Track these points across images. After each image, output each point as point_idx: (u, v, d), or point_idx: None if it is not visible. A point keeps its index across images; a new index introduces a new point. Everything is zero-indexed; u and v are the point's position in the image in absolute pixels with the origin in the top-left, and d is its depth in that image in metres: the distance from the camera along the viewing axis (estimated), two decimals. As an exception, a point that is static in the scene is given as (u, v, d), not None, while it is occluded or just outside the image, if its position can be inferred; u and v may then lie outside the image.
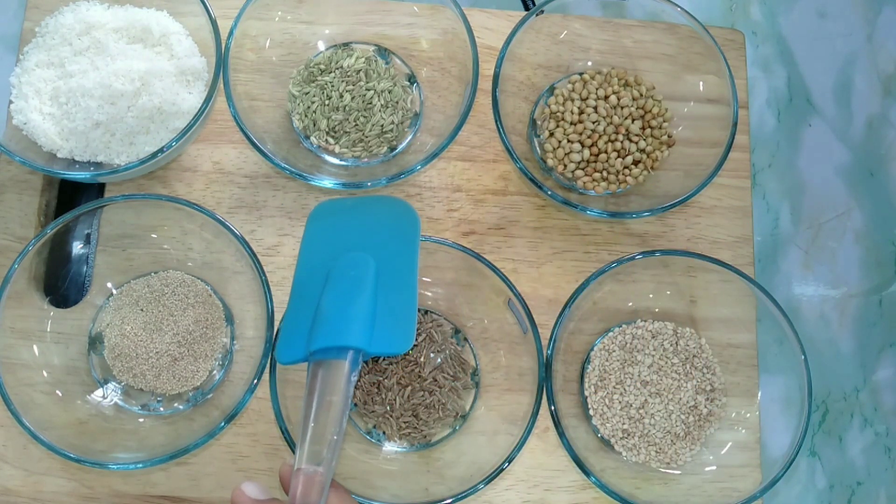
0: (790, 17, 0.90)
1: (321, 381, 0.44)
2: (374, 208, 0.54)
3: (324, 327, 0.45)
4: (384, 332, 0.46)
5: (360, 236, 0.50)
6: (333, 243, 0.50)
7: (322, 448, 0.41)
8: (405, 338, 0.47)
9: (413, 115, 0.71)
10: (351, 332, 0.45)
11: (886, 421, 0.83)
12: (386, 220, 0.52)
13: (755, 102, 0.86)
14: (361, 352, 0.45)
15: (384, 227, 0.51)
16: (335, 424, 0.42)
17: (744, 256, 0.71)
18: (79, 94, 0.63)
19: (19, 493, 0.63)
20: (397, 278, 0.48)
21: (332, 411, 0.42)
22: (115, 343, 0.64)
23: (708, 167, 0.65)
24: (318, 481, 0.40)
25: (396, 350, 0.47)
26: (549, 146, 0.69)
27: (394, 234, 0.51)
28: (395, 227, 0.51)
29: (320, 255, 0.49)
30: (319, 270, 0.48)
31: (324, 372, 0.44)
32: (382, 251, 0.49)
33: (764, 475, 0.65)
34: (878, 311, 0.85)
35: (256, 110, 0.67)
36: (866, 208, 0.87)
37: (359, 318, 0.45)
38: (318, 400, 0.43)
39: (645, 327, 0.67)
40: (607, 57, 0.72)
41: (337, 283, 0.47)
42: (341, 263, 0.48)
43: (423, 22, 0.71)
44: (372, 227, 0.51)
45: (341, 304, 0.46)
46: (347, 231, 0.51)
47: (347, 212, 0.53)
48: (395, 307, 0.47)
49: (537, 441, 0.66)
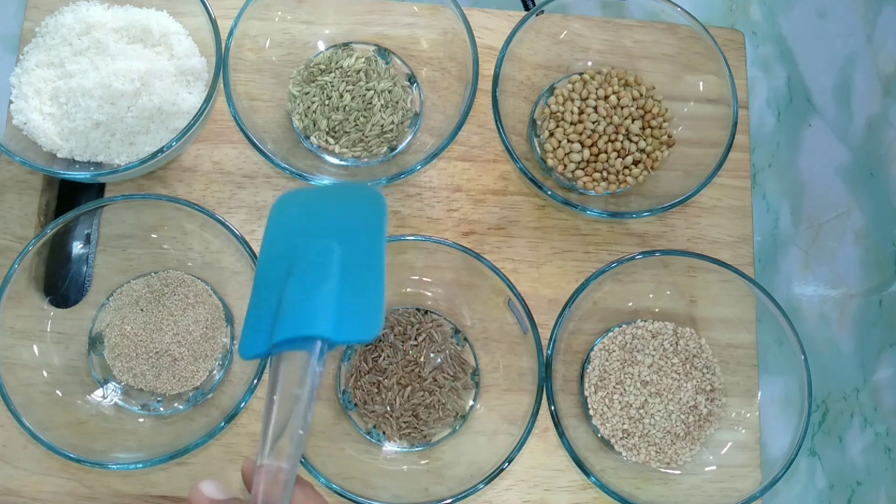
0: (790, 17, 0.90)
1: (285, 374, 0.42)
2: (338, 195, 0.52)
3: (287, 318, 0.43)
4: (351, 319, 0.44)
5: (324, 224, 0.48)
6: (296, 232, 0.48)
7: (286, 443, 0.39)
8: (373, 325, 0.44)
9: (413, 115, 0.71)
10: (316, 322, 0.43)
11: (886, 421, 0.83)
12: (351, 206, 0.50)
13: (755, 102, 0.86)
14: (327, 341, 0.43)
15: (349, 213, 0.49)
16: (300, 419, 0.40)
17: (744, 256, 0.71)
18: (79, 94, 0.63)
19: (19, 493, 0.63)
20: (364, 264, 0.46)
21: (298, 405, 0.40)
22: (115, 343, 0.64)
23: (708, 167, 0.65)
24: (281, 479, 0.38)
25: (364, 338, 0.44)
26: (549, 146, 0.69)
27: (359, 220, 0.49)
28: (361, 213, 0.49)
29: (283, 245, 0.47)
30: (282, 260, 0.46)
31: (288, 364, 0.42)
32: (347, 238, 0.47)
33: (764, 475, 0.65)
34: (878, 311, 0.85)
35: (256, 110, 0.67)
36: (866, 208, 0.87)
37: (324, 307, 0.43)
38: (281, 393, 0.41)
39: (645, 327, 0.67)
40: (607, 57, 0.72)
41: (300, 272, 0.45)
42: (304, 251, 0.46)
43: (423, 22, 0.71)
44: (336, 214, 0.49)
45: (305, 293, 0.44)
46: (311, 219, 0.49)
47: (311, 200, 0.51)
48: (361, 294, 0.45)
49: (537, 441, 0.66)
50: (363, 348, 0.66)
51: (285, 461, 0.39)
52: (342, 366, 0.67)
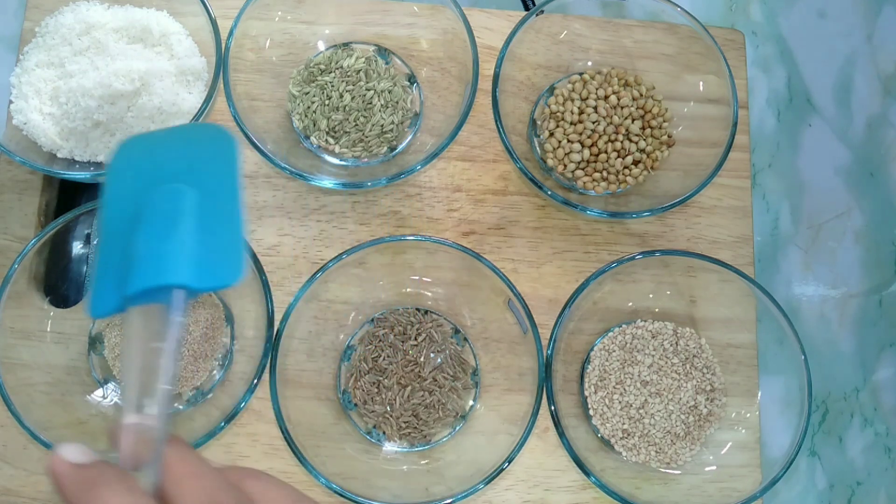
0: (790, 17, 0.90)
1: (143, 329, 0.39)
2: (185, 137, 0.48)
3: (140, 268, 0.40)
4: (210, 266, 0.41)
5: (172, 168, 0.45)
6: (143, 178, 0.44)
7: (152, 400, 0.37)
8: (235, 269, 0.42)
9: (413, 115, 0.71)
10: (172, 269, 0.40)
11: (886, 421, 0.83)
12: (199, 148, 0.47)
13: (755, 102, 0.86)
14: (186, 290, 0.40)
15: (198, 156, 0.46)
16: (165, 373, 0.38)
17: (744, 256, 0.71)
18: (79, 94, 0.63)
19: (19, 493, 0.63)
20: (219, 208, 0.43)
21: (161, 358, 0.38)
22: (115, 343, 0.64)
23: (708, 167, 0.65)
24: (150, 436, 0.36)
25: (226, 282, 0.41)
26: (549, 146, 0.69)
27: (210, 161, 0.46)
28: (211, 155, 0.46)
29: (129, 193, 0.44)
30: (128, 210, 0.42)
31: (144, 318, 0.39)
32: (199, 181, 0.43)
33: (764, 475, 0.65)
34: (878, 311, 0.85)
35: (256, 110, 0.67)
36: (866, 208, 0.87)
37: (179, 254, 0.40)
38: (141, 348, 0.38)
39: (645, 327, 0.67)
40: (607, 57, 0.72)
41: (151, 220, 0.41)
42: (154, 198, 0.42)
43: (423, 22, 0.71)
44: (184, 158, 0.46)
45: (158, 241, 0.41)
46: (158, 163, 0.45)
47: (156, 144, 0.47)
48: (220, 239, 0.42)
49: (537, 441, 0.66)
50: (363, 348, 0.66)
51: (152, 418, 0.37)
52: (342, 366, 0.67)
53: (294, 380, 0.63)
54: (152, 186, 0.43)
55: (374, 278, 0.66)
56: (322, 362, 0.66)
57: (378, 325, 0.67)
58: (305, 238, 0.68)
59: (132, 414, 0.37)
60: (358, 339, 0.67)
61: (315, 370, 0.65)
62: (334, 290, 0.65)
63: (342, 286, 0.66)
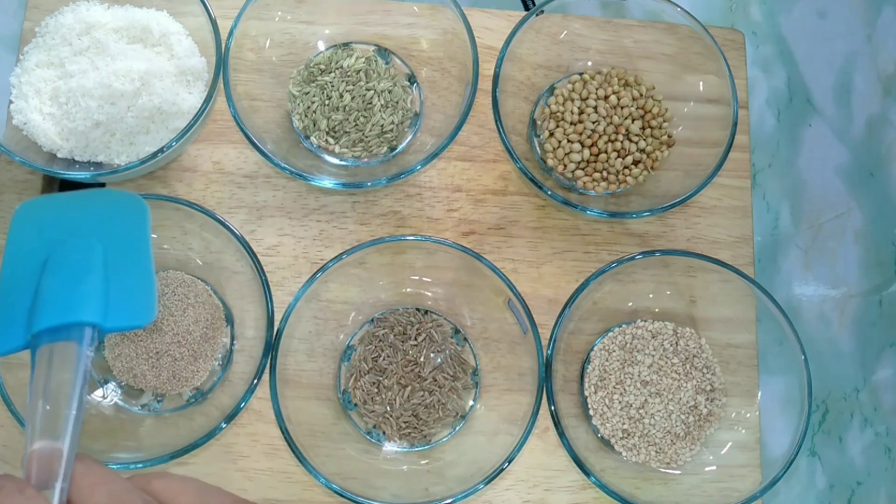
0: (790, 17, 0.90)
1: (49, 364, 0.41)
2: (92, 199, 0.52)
3: (48, 307, 0.43)
4: (120, 307, 0.44)
5: (79, 224, 0.48)
6: (49, 233, 0.47)
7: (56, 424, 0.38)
8: (146, 311, 0.45)
9: (413, 115, 0.71)
10: (81, 308, 0.43)
11: (886, 421, 0.83)
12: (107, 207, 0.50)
13: (755, 102, 0.86)
14: (96, 328, 0.43)
15: (106, 213, 0.49)
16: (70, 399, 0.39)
17: (744, 256, 0.71)
18: (79, 94, 0.63)
19: (19, 493, 0.63)
20: (130, 258, 0.47)
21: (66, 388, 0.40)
22: (115, 343, 0.64)
23: (708, 167, 0.65)
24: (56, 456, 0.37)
25: (136, 322, 0.45)
26: (549, 146, 0.69)
27: (119, 219, 0.49)
28: (120, 212, 0.49)
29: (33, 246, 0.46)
30: (33, 260, 0.45)
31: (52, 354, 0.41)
32: (108, 235, 0.47)
33: (764, 475, 0.65)
34: (878, 311, 0.85)
35: (256, 110, 0.67)
36: (866, 208, 0.87)
37: (88, 295, 0.43)
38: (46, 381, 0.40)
39: (645, 327, 0.67)
40: (607, 57, 0.72)
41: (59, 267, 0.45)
42: (62, 249, 0.46)
43: (423, 22, 0.71)
44: (92, 215, 0.49)
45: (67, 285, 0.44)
46: (64, 221, 0.48)
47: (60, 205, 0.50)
48: (130, 284, 0.45)
49: (537, 441, 0.66)
50: (363, 348, 0.66)
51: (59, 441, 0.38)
52: (342, 366, 0.67)
53: (294, 380, 0.63)
54: (61, 239, 0.46)
55: (374, 278, 0.66)
56: (322, 362, 0.66)
57: (378, 325, 0.67)
58: (305, 238, 0.68)
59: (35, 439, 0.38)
60: (358, 339, 0.67)
61: (315, 370, 0.65)
62: (334, 290, 0.65)
63: (342, 286, 0.66)
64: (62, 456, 0.37)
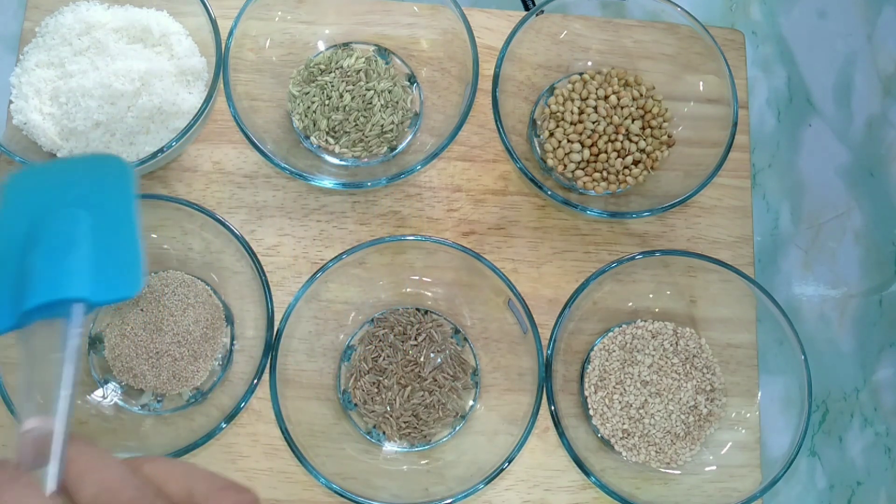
0: (790, 17, 0.90)
1: (40, 343, 0.41)
2: (77, 165, 0.51)
3: (38, 284, 0.42)
4: (107, 280, 0.43)
5: (65, 194, 0.47)
6: (36, 204, 0.47)
7: (48, 404, 0.38)
8: (132, 282, 0.44)
9: (413, 115, 0.71)
10: (70, 283, 0.42)
11: (886, 421, 0.83)
12: (93, 173, 0.49)
13: (755, 102, 0.86)
14: (85, 303, 0.42)
15: (92, 181, 0.48)
16: (66, 379, 0.39)
17: (744, 256, 0.71)
18: (79, 94, 0.63)
19: (19, 493, 0.63)
20: (116, 228, 0.46)
21: (58, 367, 0.39)
22: (115, 343, 0.64)
23: (708, 167, 0.65)
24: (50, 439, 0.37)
25: (124, 294, 0.44)
26: (549, 146, 0.69)
27: (105, 186, 0.48)
28: (106, 181, 0.48)
29: (19, 219, 0.46)
30: (20, 232, 0.45)
31: (43, 333, 0.41)
32: (95, 205, 0.46)
33: (764, 475, 0.65)
34: (878, 311, 0.85)
35: (256, 110, 0.67)
36: (866, 208, 0.87)
37: (77, 270, 0.43)
38: (40, 361, 0.40)
39: (645, 327, 0.67)
40: (607, 57, 0.72)
41: (47, 241, 0.44)
42: (50, 221, 0.45)
43: (423, 22, 0.71)
44: (78, 183, 0.48)
45: (55, 259, 0.43)
46: (51, 190, 0.48)
47: (49, 174, 0.50)
48: (117, 256, 0.45)
49: (537, 441, 0.66)
50: (363, 348, 0.66)
51: (52, 421, 0.38)
52: (342, 366, 0.67)
53: (294, 380, 0.63)
54: (47, 211, 0.46)
55: (374, 278, 0.66)
56: (322, 362, 0.66)
57: (378, 325, 0.67)
58: (305, 238, 0.68)
59: (31, 420, 0.38)
60: (358, 339, 0.67)
61: (315, 370, 0.65)
62: (334, 290, 0.65)
63: (342, 286, 0.66)
64: (54, 436, 0.37)
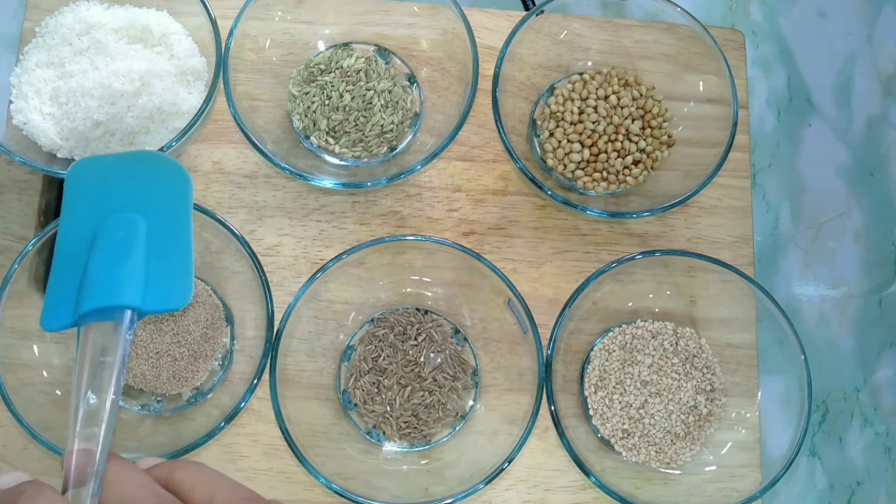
0: (790, 17, 0.90)
1: (93, 344, 0.42)
2: (140, 166, 0.52)
3: (93, 288, 0.44)
4: (159, 290, 0.45)
5: (127, 195, 0.49)
6: (98, 204, 0.49)
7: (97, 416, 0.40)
8: (182, 294, 0.46)
9: (413, 115, 0.71)
10: (123, 291, 0.44)
11: (886, 421, 0.83)
12: (154, 178, 0.51)
13: (755, 102, 0.86)
14: (136, 311, 0.44)
15: (153, 185, 0.50)
16: (114, 384, 0.41)
17: (744, 256, 0.71)
18: (79, 94, 0.63)
19: (19, 493, 0.63)
20: (171, 237, 0.48)
21: (108, 371, 0.41)
22: (115, 343, 0.64)
23: (708, 167, 0.65)
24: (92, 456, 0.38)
25: (173, 306, 0.46)
26: (549, 146, 0.69)
27: (164, 192, 0.50)
28: (165, 186, 0.50)
29: (85, 217, 0.48)
30: (84, 233, 0.47)
31: (96, 334, 0.43)
32: (153, 210, 0.48)
33: (764, 475, 0.65)
34: (878, 311, 0.85)
35: (256, 110, 0.67)
36: (866, 208, 0.87)
37: (130, 278, 0.45)
38: (91, 363, 0.41)
39: (645, 327, 0.67)
40: (607, 57, 0.72)
41: (105, 245, 0.46)
42: (109, 225, 0.47)
43: (423, 22, 0.71)
44: (140, 186, 0.50)
45: (111, 265, 0.45)
46: (113, 190, 0.49)
47: (111, 170, 0.51)
48: (169, 266, 0.47)
49: (537, 441, 0.66)
50: (363, 348, 0.66)
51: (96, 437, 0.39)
52: (342, 366, 0.67)
53: (294, 380, 0.63)
54: (108, 213, 0.47)
55: (374, 278, 0.66)
56: (322, 362, 0.66)
57: (378, 325, 0.67)
58: (305, 238, 0.68)
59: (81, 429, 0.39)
60: (358, 339, 0.67)
61: (315, 370, 0.65)
62: (334, 290, 0.65)
63: (342, 286, 0.66)
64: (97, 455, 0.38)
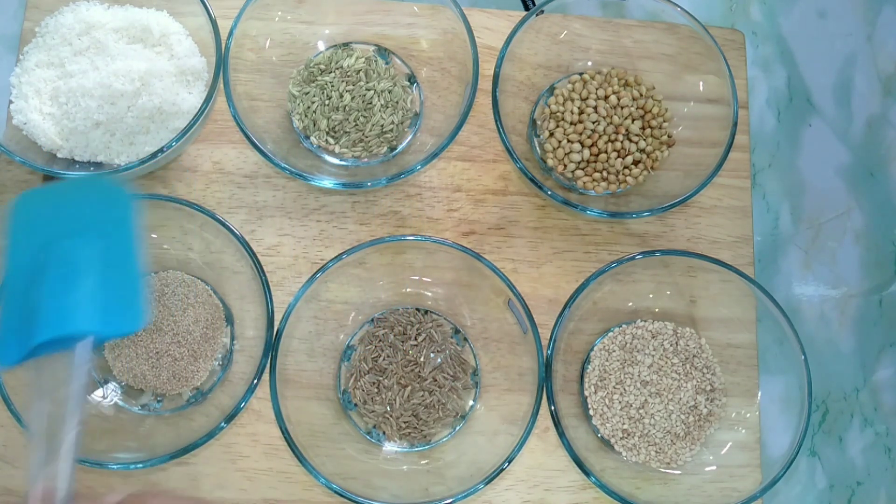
0: (790, 17, 0.90)
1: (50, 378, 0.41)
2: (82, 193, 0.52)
3: (46, 319, 0.42)
4: (113, 313, 0.44)
5: (71, 223, 0.48)
6: (43, 233, 0.47)
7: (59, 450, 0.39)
8: (137, 315, 0.46)
9: (413, 115, 0.71)
10: (78, 318, 0.43)
11: (886, 421, 0.83)
12: (97, 203, 0.50)
13: (755, 102, 0.86)
14: (93, 337, 0.43)
15: (96, 211, 0.49)
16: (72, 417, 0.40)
17: (744, 256, 0.71)
18: (79, 94, 0.63)
19: (20, 493, 0.63)
20: (118, 259, 0.47)
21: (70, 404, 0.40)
22: (115, 343, 0.64)
23: (708, 167, 0.65)
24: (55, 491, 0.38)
25: (131, 328, 0.46)
26: (549, 146, 0.69)
27: (107, 217, 0.49)
28: (108, 210, 0.49)
29: (30, 247, 0.47)
30: (28, 265, 0.45)
31: (52, 367, 0.42)
32: (98, 235, 0.47)
33: (764, 475, 0.65)
34: (878, 311, 0.85)
35: (256, 110, 0.67)
36: (866, 208, 0.87)
37: (84, 304, 0.43)
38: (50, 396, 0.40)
39: (645, 327, 0.67)
40: (607, 57, 0.72)
41: (54, 274, 0.45)
42: (56, 252, 0.45)
43: (423, 22, 0.71)
44: (82, 213, 0.49)
45: (62, 293, 0.44)
46: (56, 219, 0.48)
47: (53, 200, 0.50)
48: (120, 288, 0.46)
49: (537, 441, 0.66)
50: (363, 348, 0.66)
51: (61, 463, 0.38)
52: (342, 366, 0.67)
53: (294, 380, 0.63)
54: (52, 242, 0.46)
55: (374, 278, 0.66)
56: (322, 362, 0.66)
57: (378, 325, 0.67)
58: (305, 238, 0.68)
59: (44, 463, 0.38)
60: (358, 339, 0.67)
61: (315, 370, 0.65)
62: (334, 290, 0.65)
63: (342, 286, 0.66)
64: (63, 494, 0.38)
